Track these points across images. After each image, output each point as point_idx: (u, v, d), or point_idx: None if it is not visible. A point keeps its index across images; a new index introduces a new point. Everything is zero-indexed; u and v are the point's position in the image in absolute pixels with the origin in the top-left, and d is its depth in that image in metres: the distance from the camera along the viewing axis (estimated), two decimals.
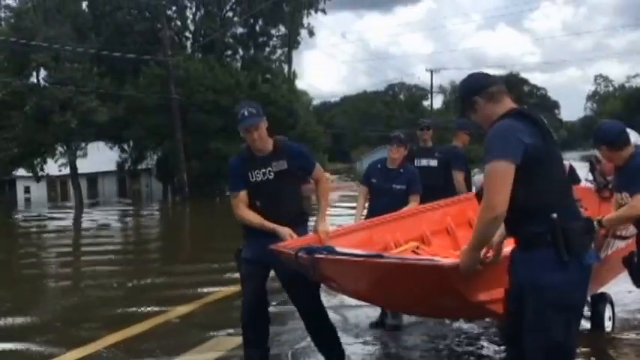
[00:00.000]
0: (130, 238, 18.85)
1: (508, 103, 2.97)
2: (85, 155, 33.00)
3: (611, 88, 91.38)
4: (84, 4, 37.29)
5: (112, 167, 41.00)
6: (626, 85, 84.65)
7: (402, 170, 5.92)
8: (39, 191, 43.29)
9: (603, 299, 5.33)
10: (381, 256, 3.60)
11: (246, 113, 4.34)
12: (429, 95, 70.96)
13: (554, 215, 2.77)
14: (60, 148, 32.57)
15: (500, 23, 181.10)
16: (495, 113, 2.93)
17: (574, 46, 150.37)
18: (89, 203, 36.37)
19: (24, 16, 31.23)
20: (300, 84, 79.77)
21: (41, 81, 32.13)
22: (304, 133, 36.32)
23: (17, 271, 11.56)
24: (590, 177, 6.44)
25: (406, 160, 6.06)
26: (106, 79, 32.81)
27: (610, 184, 5.41)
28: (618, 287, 5.87)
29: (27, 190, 44.73)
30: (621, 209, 4.36)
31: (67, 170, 33.47)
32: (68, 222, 24.47)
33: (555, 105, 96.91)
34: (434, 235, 5.84)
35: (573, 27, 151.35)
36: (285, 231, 4.27)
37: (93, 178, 44.73)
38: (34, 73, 32.29)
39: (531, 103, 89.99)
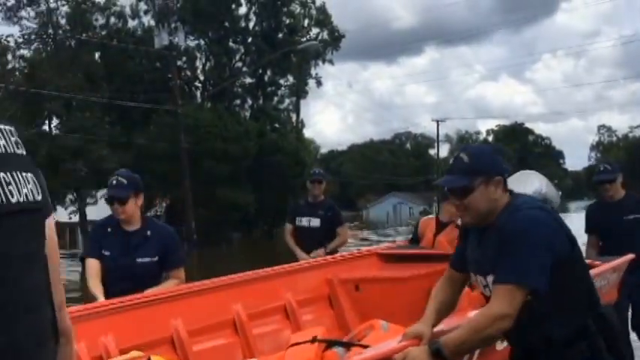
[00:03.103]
0: None
1: None
2: (95, 203, 33.24)
3: (614, 139, 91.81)
4: (96, 55, 38.10)
5: None
6: (630, 135, 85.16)
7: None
8: None
9: None
10: None
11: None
12: (435, 144, 71.61)
13: None
14: (70, 196, 32.84)
15: (502, 74, 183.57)
16: None
17: (575, 97, 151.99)
18: None
19: (38, 66, 31.97)
20: (308, 132, 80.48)
21: (53, 129, 32.68)
22: None
23: None
24: None
25: None
26: (116, 127, 33.30)
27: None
28: None
29: None
30: (469, 326, 2.32)
31: (76, 217, 33.68)
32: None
33: (560, 154, 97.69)
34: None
35: (574, 78, 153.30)
36: None
37: None
38: (46, 122, 32.87)
39: (537, 153, 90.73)
